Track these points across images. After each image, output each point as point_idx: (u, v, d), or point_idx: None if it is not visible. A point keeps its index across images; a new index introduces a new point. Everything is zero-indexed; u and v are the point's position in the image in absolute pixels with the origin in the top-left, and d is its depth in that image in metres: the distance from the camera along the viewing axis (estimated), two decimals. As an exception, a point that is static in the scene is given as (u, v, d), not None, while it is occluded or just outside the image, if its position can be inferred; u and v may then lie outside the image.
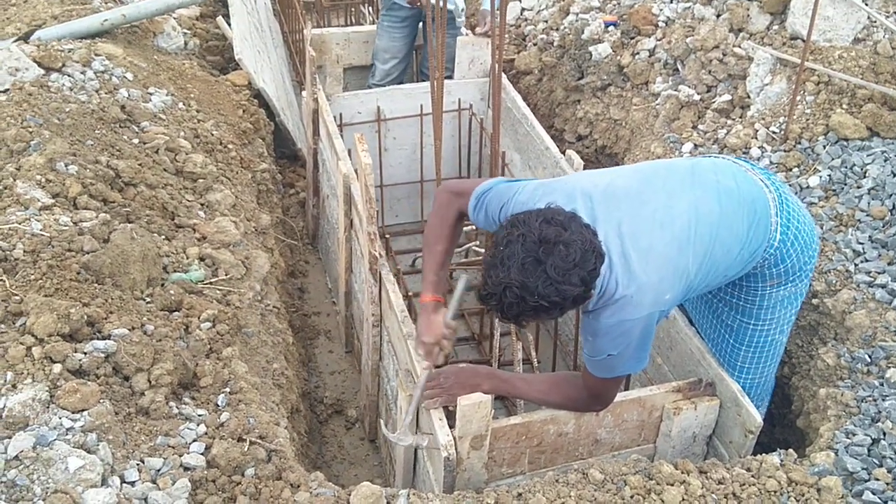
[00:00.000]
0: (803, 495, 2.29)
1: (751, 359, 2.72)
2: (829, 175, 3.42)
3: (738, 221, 2.43)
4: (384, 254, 3.14)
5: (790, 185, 3.47)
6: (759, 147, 3.71)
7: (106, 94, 3.56)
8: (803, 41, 3.78)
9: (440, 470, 2.45)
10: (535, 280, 2.04)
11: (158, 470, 2.09)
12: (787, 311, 2.67)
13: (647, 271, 2.24)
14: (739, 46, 4.10)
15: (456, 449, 2.43)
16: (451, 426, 2.44)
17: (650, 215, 2.31)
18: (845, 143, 3.51)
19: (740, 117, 3.96)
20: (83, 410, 2.09)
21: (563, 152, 3.74)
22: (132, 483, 2.02)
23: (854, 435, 2.47)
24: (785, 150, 3.61)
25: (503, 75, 4.39)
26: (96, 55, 3.79)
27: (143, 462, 2.10)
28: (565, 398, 2.53)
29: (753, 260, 2.51)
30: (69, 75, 3.55)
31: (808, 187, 3.45)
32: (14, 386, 2.09)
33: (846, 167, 3.40)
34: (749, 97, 3.94)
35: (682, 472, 2.33)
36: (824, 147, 3.53)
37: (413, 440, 2.53)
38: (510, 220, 2.15)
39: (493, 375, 2.58)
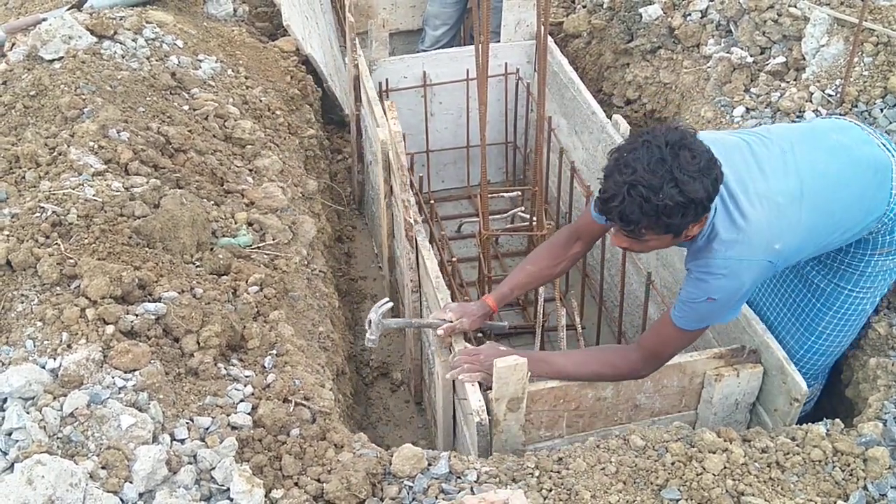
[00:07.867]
0: (849, 465, 2.26)
1: (834, 325, 2.66)
2: (886, 139, 3.32)
3: (857, 181, 2.39)
4: (419, 220, 3.16)
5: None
6: (813, 111, 3.60)
7: (157, 61, 3.61)
8: (862, 0, 3.65)
9: (475, 434, 2.47)
10: (661, 179, 2.05)
11: (207, 428, 2.16)
12: (886, 282, 2.61)
13: (757, 214, 2.25)
14: (795, 6, 3.97)
15: (489, 411, 2.44)
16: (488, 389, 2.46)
17: (762, 165, 2.33)
18: (904, 106, 3.39)
19: (794, 80, 3.84)
20: (135, 370, 2.16)
21: (610, 117, 3.70)
22: (181, 441, 2.09)
23: (904, 405, 2.43)
24: (841, 114, 3.51)
25: (550, 38, 4.34)
26: (147, 23, 3.84)
27: (192, 421, 2.16)
28: (603, 364, 2.52)
29: (871, 224, 2.44)
30: (121, 43, 3.60)
31: (863, 152, 3.34)
32: (69, 346, 2.17)
33: (904, 131, 3.30)
34: (804, 59, 3.82)
35: (725, 441, 2.32)
36: (882, 110, 3.41)
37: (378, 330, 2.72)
38: (633, 135, 2.18)
39: (529, 354, 2.51)
